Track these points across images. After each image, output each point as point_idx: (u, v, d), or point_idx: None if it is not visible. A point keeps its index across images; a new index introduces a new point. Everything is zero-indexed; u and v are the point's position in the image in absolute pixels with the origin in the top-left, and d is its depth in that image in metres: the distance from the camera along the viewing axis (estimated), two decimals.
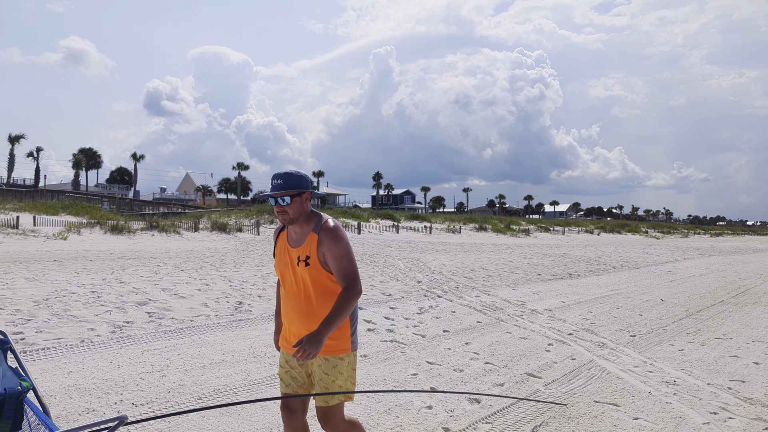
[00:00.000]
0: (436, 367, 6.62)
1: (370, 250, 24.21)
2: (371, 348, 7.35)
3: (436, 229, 44.17)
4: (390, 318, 9.39)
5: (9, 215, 22.76)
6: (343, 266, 3.12)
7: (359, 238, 32.37)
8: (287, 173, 3.21)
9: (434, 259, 21.23)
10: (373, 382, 5.94)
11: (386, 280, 14.23)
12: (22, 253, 16.13)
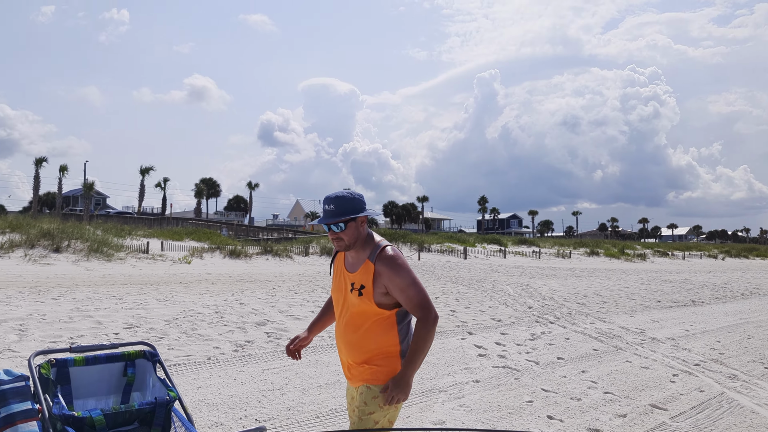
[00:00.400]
0: (551, 395, 6.45)
1: (477, 275, 23.98)
2: (483, 374, 7.28)
3: (544, 254, 43.05)
4: (501, 343, 9.26)
5: (140, 241, 24.60)
6: (411, 296, 2.85)
7: (465, 263, 32.15)
8: (339, 196, 2.93)
9: (544, 284, 20.71)
10: (487, 408, 5.88)
11: (495, 306, 14.04)
12: (152, 275, 17.35)
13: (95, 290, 13.00)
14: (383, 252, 2.89)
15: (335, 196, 2.91)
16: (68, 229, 22.07)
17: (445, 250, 37.81)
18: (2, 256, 18.26)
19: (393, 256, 2.88)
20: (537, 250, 45.06)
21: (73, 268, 17.47)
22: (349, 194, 2.95)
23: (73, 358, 2.71)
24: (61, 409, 2.38)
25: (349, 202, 2.91)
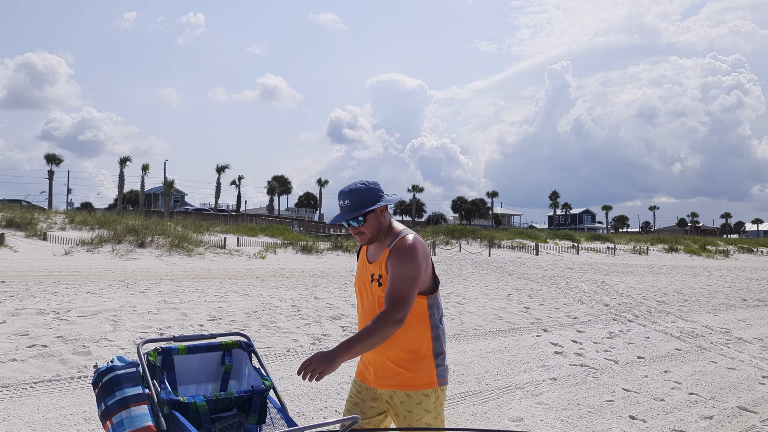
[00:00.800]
0: (633, 395, 6.32)
1: (550, 272, 23.57)
2: (560, 371, 7.20)
3: (620, 250, 41.78)
4: (578, 341, 9.11)
5: (218, 237, 25.47)
6: (395, 287, 2.59)
7: (537, 259, 31.62)
8: (353, 189, 2.74)
9: (620, 281, 20.15)
10: (566, 406, 5.82)
11: (570, 303, 13.79)
12: (229, 270, 17.96)
13: (178, 284, 13.59)
14: (401, 240, 2.71)
15: (349, 190, 2.74)
16: (151, 226, 23.10)
17: (516, 246, 37.29)
18: (92, 251, 19.31)
19: (409, 246, 2.67)
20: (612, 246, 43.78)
21: (157, 263, 18.29)
22: (364, 185, 2.76)
23: (176, 347, 2.88)
24: (168, 394, 2.55)
25: (366, 194, 2.74)
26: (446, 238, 36.27)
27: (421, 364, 2.72)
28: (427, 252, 2.75)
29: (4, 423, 4.64)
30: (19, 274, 13.80)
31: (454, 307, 12.23)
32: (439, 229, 40.64)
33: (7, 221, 22.03)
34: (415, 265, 2.63)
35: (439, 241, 34.70)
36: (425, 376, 2.72)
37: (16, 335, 7.45)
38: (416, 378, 2.71)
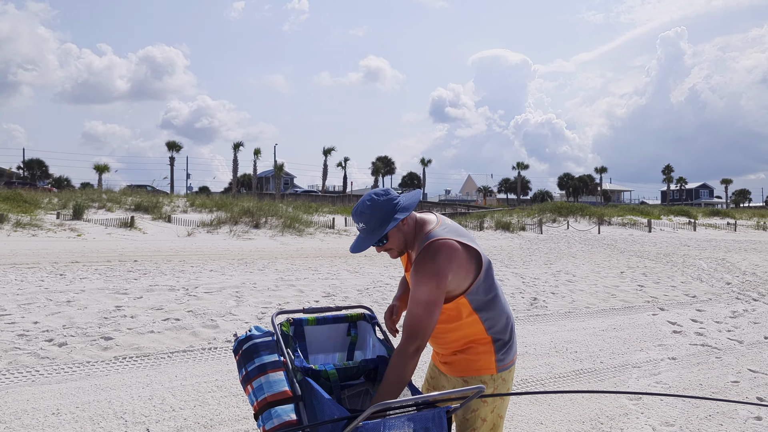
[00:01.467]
0: (761, 376, 6.01)
1: (664, 249, 22.49)
2: (679, 351, 6.95)
3: (741, 226, 39.10)
4: (698, 320, 8.71)
5: (326, 217, 26.30)
6: (411, 313, 2.41)
7: (650, 236, 30.22)
8: (363, 212, 2.51)
9: (743, 258, 18.92)
10: (687, 387, 5.64)
11: (688, 281, 13.14)
12: (339, 249, 18.53)
13: (292, 262, 14.22)
14: (422, 252, 2.45)
15: (360, 212, 2.52)
16: (264, 207, 24.19)
17: (627, 223, 35.79)
18: (212, 232, 20.53)
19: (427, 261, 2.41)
20: (732, 221, 41.00)
21: (271, 242, 19.18)
22: (372, 201, 2.51)
23: (306, 319, 3.09)
24: (301, 362, 2.74)
25: (378, 212, 2.50)
26: (553, 216, 35.38)
27: (479, 348, 2.57)
28: (452, 259, 2.42)
29: (148, 388, 5.13)
30: (148, 254, 14.94)
31: (565, 285, 12.01)
32: (545, 206, 39.70)
33: (136, 205, 23.82)
34: (434, 285, 2.37)
35: (546, 219, 33.92)
36: (483, 361, 2.57)
37: (152, 309, 8.13)
38: (475, 363, 2.57)
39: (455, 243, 2.45)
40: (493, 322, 2.56)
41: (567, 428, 4.51)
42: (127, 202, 24.47)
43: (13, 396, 4.81)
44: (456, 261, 2.43)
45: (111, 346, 6.33)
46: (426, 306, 2.38)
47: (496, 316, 2.57)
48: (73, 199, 22.56)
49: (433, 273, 2.37)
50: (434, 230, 2.51)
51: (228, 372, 5.66)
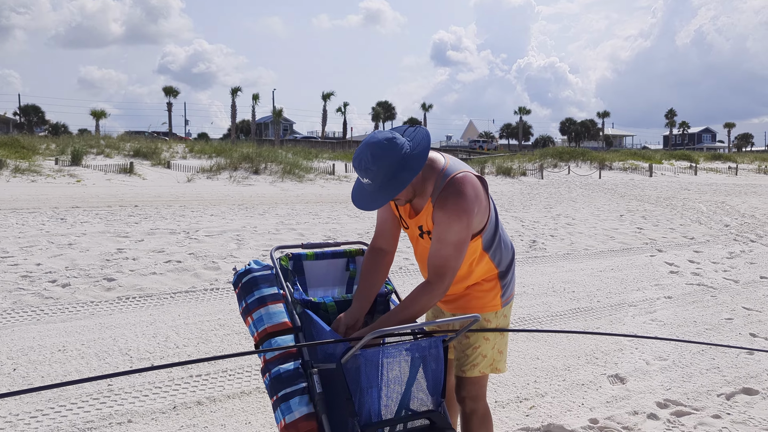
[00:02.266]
0: (754, 313, 6.10)
1: (665, 193, 22.50)
2: (675, 290, 7.03)
3: (742, 170, 39.04)
4: (695, 261, 8.79)
5: (326, 163, 26.24)
6: (439, 253, 2.28)
7: (650, 180, 30.20)
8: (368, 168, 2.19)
9: (743, 201, 18.95)
10: (681, 323, 5.73)
11: (687, 223, 13.20)
12: (339, 195, 18.56)
13: (293, 207, 14.26)
14: (443, 193, 2.26)
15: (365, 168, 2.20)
16: (264, 153, 24.10)
17: (628, 167, 35.72)
18: (211, 178, 20.51)
19: (454, 200, 2.24)
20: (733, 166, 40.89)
21: (271, 188, 19.19)
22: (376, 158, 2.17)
23: (305, 254, 3.11)
24: (300, 295, 2.78)
25: (387, 167, 2.18)
26: (554, 161, 35.29)
27: (485, 287, 2.52)
28: (477, 193, 2.31)
29: (152, 326, 5.22)
30: (149, 199, 14.97)
31: (564, 228, 12.06)
32: (546, 152, 39.54)
33: (135, 151, 23.73)
34: (464, 225, 2.25)
35: (547, 164, 33.84)
36: (490, 298, 2.52)
37: (154, 252, 8.20)
38: (480, 300, 2.52)
39: (474, 176, 2.35)
40: (501, 258, 2.51)
41: (563, 363, 4.61)
42: (126, 148, 24.36)
43: (19, 334, 4.90)
44: (480, 194, 2.33)
45: (114, 287, 6.41)
46: (455, 246, 2.27)
47: (502, 252, 2.52)
48: (71, 145, 22.45)
49: (463, 210, 2.23)
50: (448, 167, 2.33)
51: (230, 311, 5.75)
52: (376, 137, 2.23)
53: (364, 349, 2.20)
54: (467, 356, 2.52)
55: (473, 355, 2.50)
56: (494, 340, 2.53)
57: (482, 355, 2.50)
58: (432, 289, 2.28)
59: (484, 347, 2.51)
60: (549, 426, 3.51)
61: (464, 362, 2.53)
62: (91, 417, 3.49)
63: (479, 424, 2.53)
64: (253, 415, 3.61)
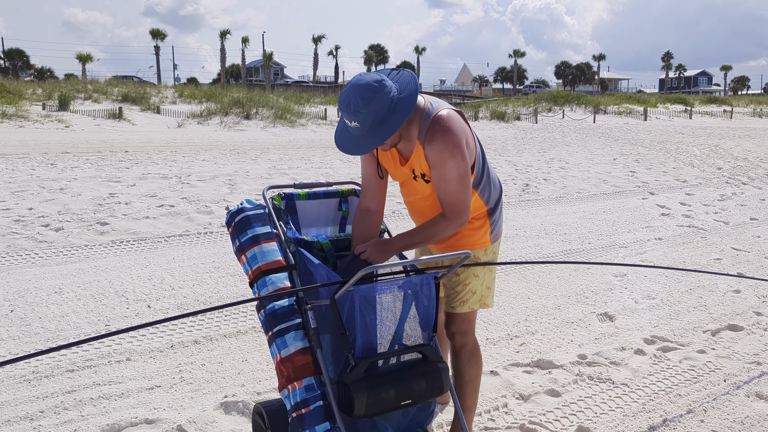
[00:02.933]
0: (743, 253, 6.19)
1: (659, 137, 22.45)
2: (666, 232, 7.10)
3: (737, 113, 38.89)
4: (686, 204, 8.85)
5: (318, 108, 25.91)
6: (448, 192, 2.30)
7: (645, 124, 30.08)
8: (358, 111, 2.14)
9: (736, 145, 18.96)
10: (670, 264, 5.81)
11: (680, 167, 13.23)
12: (330, 140, 18.42)
13: (285, 152, 14.17)
14: (430, 129, 2.25)
15: (354, 111, 2.14)
16: (255, 98, 23.77)
17: (623, 111, 35.51)
18: (202, 123, 20.30)
19: (443, 138, 2.23)
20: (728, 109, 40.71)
21: (263, 134, 19.02)
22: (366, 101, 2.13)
23: (297, 193, 3.10)
24: (294, 234, 2.79)
25: (377, 110, 2.15)
26: (548, 105, 35.00)
27: (475, 225, 2.52)
28: (463, 127, 2.32)
29: (147, 269, 5.25)
30: (139, 144, 14.83)
31: (557, 171, 12.07)
32: (540, 96, 39.16)
33: (123, 96, 23.36)
34: (459, 158, 2.25)
35: (541, 108, 33.57)
36: (479, 236, 2.53)
37: (146, 196, 8.18)
38: (471, 240, 2.53)
39: (455, 111, 2.35)
40: (489, 195, 2.52)
41: (553, 302, 4.68)
42: (114, 93, 23.96)
43: (15, 277, 4.92)
44: (465, 128, 2.34)
45: (107, 231, 6.42)
46: (458, 181, 2.28)
47: (491, 189, 2.54)
48: (58, 90, 22.06)
49: (453, 145, 2.24)
50: (429, 106, 2.32)
51: (225, 254, 5.78)
52: (364, 79, 2.18)
53: (358, 285, 2.22)
54: (457, 293, 2.56)
55: (463, 292, 2.54)
56: (483, 276, 2.56)
57: (472, 292, 2.54)
58: (448, 224, 2.33)
59: (474, 284, 2.54)
60: (538, 361, 3.60)
61: (454, 299, 2.57)
62: (90, 356, 3.55)
63: (468, 357, 2.59)
64: (249, 353, 3.68)
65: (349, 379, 2.16)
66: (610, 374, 3.44)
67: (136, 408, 2.99)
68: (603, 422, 2.92)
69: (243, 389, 3.20)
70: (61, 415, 2.91)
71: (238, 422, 2.90)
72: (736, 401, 3.16)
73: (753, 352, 3.78)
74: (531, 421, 2.91)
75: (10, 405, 2.99)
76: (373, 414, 2.20)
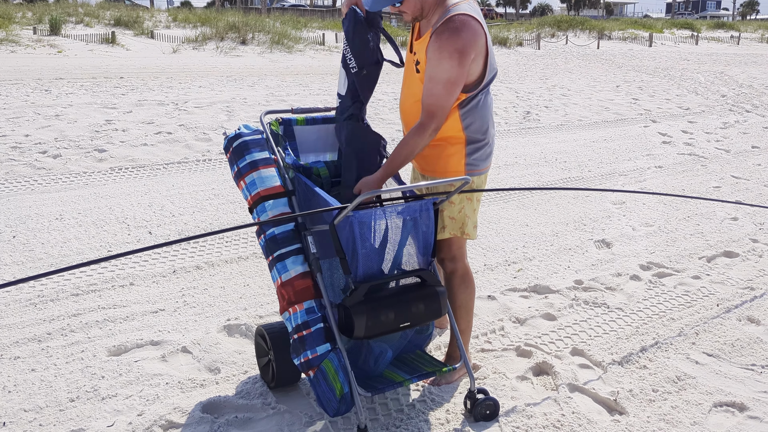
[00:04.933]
0: (742, 181, 6.19)
1: (663, 63, 22.02)
2: (666, 160, 7.08)
3: (745, 39, 38.02)
4: (688, 132, 8.79)
5: (316, 33, 25.27)
6: (431, 92, 2.31)
7: (649, 51, 29.44)
8: None
9: (742, 71, 18.63)
10: (670, 191, 5.82)
11: (683, 94, 13.05)
12: (330, 66, 18.06)
13: (283, 79, 13.92)
14: (444, 23, 2.28)
15: None
16: (251, 22, 23.14)
17: (628, 37, 34.69)
18: (197, 49, 19.84)
19: (450, 33, 2.25)
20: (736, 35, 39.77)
21: (260, 59, 18.62)
22: None
23: (295, 119, 3.07)
24: (292, 159, 2.77)
25: None
26: (552, 31, 34.17)
27: (449, 151, 2.52)
28: (476, 38, 2.29)
29: (147, 196, 5.26)
30: (134, 70, 14.54)
31: (559, 99, 11.91)
32: (544, 20, 38.15)
33: (115, 20, 22.74)
34: (456, 63, 2.26)
35: (544, 34, 32.79)
36: (453, 163, 2.53)
37: (143, 123, 8.09)
38: (444, 165, 2.54)
39: (480, 25, 2.31)
40: (471, 123, 2.48)
41: (551, 230, 4.72)
42: (106, 16, 23.30)
43: (15, 203, 4.93)
44: (479, 42, 2.30)
45: (106, 158, 6.38)
46: (446, 85, 2.28)
47: (476, 119, 2.49)
48: (49, 14, 21.44)
49: (455, 49, 2.24)
50: (460, 4, 2.32)
51: (224, 182, 5.77)
52: None
53: (357, 211, 2.23)
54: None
55: (440, 218, 2.56)
56: (459, 204, 2.56)
57: (450, 218, 2.56)
58: (422, 130, 2.34)
59: (450, 210, 2.55)
60: (535, 287, 3.66)
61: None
62: (94, 280, 3.60)
63: (459, 283, 2.65)
64: (251, 278, 3.73)
65: (349, 302, 2.21)
66: (606, 299, 3.51)
67: (141, 330, 3.06)
68: (597, 344, 3.00)
69: (245, 313, 3.27)
70: (68, 336, 2.98)
71: (241, 344, 2.97)
72: (727, 325, 3.23)
73: (747, 278, 3.84)
74: (527, 343, 2.98)
75: (17, 327, 3.05)
76: (373, 336, 2.25)
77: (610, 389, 2.62)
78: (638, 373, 2.76)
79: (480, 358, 2.87)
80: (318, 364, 2.25)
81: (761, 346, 3.01)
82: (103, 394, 2.53)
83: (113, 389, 2.57)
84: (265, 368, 2.66)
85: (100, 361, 2.79)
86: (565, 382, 2.66)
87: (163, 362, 2.79)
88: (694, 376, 2.74)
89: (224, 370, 2.74)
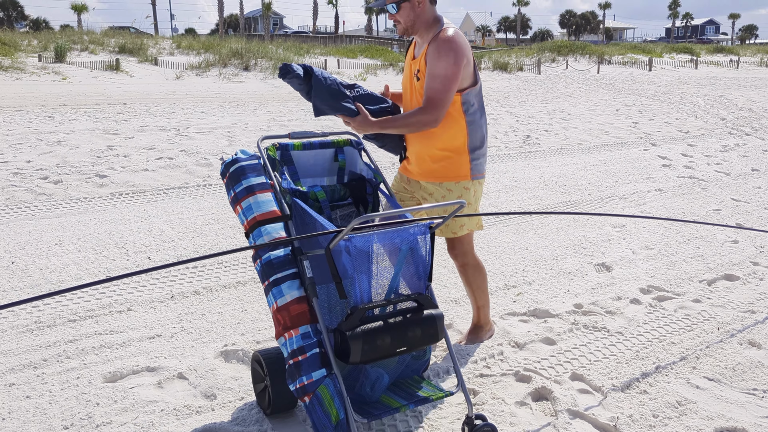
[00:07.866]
0: (743, 204, 6.18)
1: (663, 87, 22.16)
2: (666, 183, 7.08)
3: (744, 63, 38.29)
4: (688, 155, 8.80)
5: (318, 59, 25.53)
6: (432, 86, 2.69)
7: (649, 75, 29.65)
8: None
9: (741, 95, 18.73)
10: (670, 215, 5.81)
11: (683, 117, 13.10)
12: None
13: (285, 104, 14.03)
14: (440, 34, 2.72)
15: None
16: (254, 49, 23.40)
17: (628, 61, 34.95)
18: (201, 75, 20.04)
19: (447, 39, 2.68)
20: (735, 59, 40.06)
21: (262, 86, 18.79)
22: None
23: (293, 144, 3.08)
24: (288, 184, 2.78)
25: None
26: (552, 55, 34.45)
27: (455, 158, 2.86)
28: (467, 47, 2.74)
29: (146, 221, 5.27)
30: (137, 97, 14.68)
31: (559, 123, 11.97)
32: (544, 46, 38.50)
33: (120, 47, 23.01)
34: (452, 61, 2.66)
35: (545, 59, 33.06)
36: (456, 168, 2.87)
37: (145, 149, 8.14)
38: (449, 171, 2.87)
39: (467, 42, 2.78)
40: (474, 131, 2.86)
41: (551, 253, 4.70)
42: (111, 44, 23.59)
43: (15, 229, 4.94)
44: (468, 50, 2.74)
45: (106, 184, 6.41)
46: (444, 80, 2.66)
47: (477, 128, 2.87)
48: (54, 41, 21.71)
49: (451, 49, 2.67)
50: (449, 27, 2.76)
51: (224, 207, 5.79)
52: None
53: (353, 236, 2.23)
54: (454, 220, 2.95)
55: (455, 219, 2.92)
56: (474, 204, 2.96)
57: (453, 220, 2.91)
58: (423, 114, 2.71)
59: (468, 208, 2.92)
60: (535, 311, 3.63)
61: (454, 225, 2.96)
62: (92, 306, 3.59)
63: (473, 271, 3.07)
64: (249, 303, 3.72)
65: (345, 327, 2.19)
66: (606, 323, 3.48)
67: (138, 356, 3.04)
68: (597, 369, 2.97)
69: (243, 338, 3.25)
70: (64, 363, 2.97)
71: (237, 370, 2.95)
72: (728, 349, 3.20)
73: (748, 301, 3.82)
74: (526, 368, 2.96)
75: (13, 353, 3.04)
76: (369, 361, 2.23)
77: (610, 415, 2.58)
78: (638, 398, 2.73)
79: (478, 384, 2.84)
80: (314, 389, 2.23)
81: (763, 371, 2.98)
82: (97, 422, 2.51)
83: (108, 416, 2.55)
84: (261, 394, 2.63)
85: (95, 387, 2.76)
86: (564, 407, 2.63)
87: (158, 388, 2.77)
88: (695, 401, 2.70)
89: (220, 396, 2.72)
